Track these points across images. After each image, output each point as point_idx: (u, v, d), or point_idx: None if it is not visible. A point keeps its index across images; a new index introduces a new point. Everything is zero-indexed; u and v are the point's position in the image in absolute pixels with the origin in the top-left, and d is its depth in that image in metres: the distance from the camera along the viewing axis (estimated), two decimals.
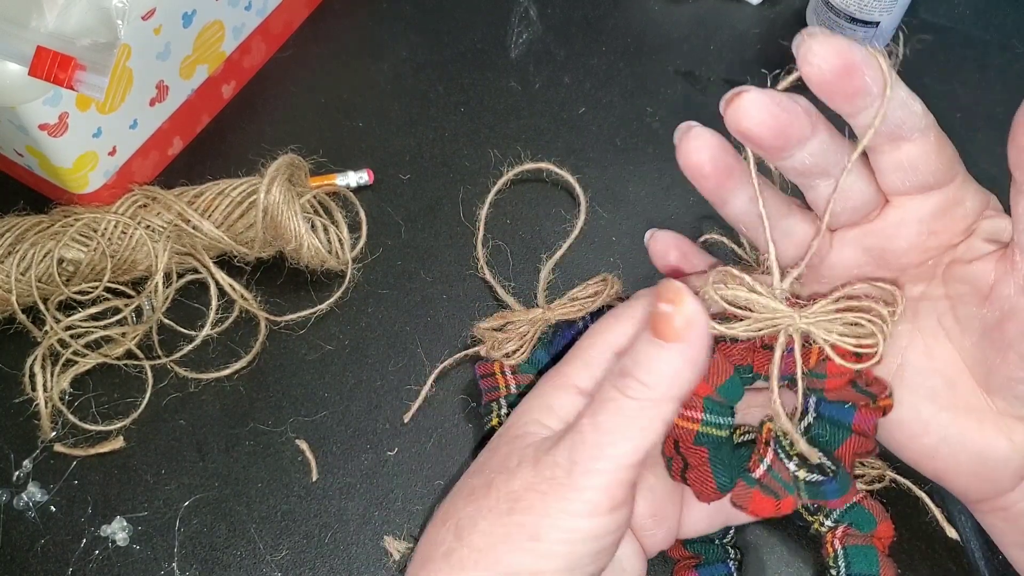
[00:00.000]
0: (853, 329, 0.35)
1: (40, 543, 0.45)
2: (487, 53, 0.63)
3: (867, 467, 0.44)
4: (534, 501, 0.32)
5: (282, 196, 0.49)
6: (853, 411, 0.36)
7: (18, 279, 0.48)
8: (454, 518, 0.33)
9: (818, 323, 0.35)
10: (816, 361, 0.36)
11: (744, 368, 0.37)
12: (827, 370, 0.36)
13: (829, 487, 0.37)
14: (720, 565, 0.43)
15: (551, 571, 0.32)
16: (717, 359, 0.36)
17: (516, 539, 0.31)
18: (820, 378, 0.36)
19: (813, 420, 0.37)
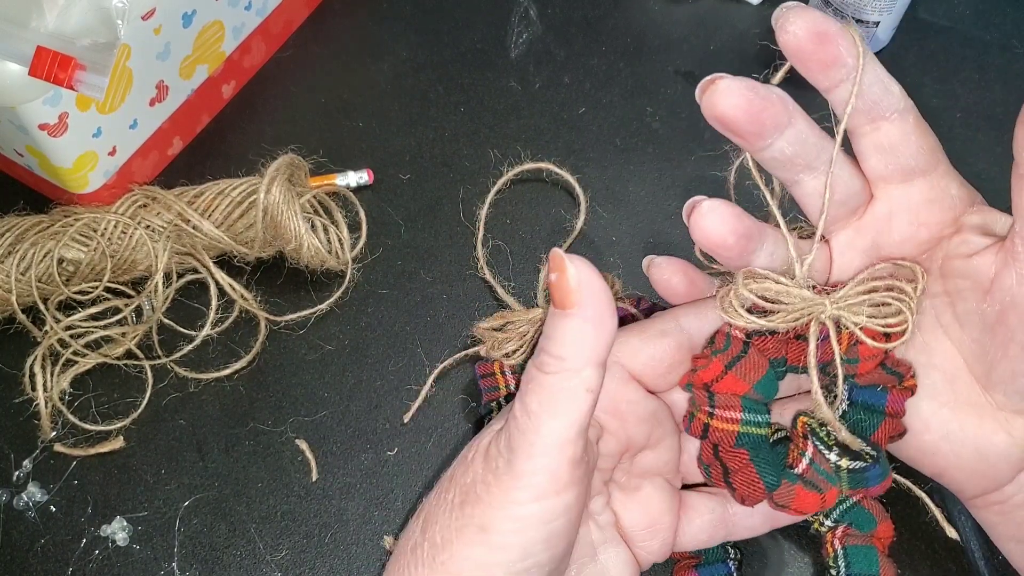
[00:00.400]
0: (880, 310, 0.35)
1: (40, 543, 0.45)
2: (487, 53, 0.63)
3: None
4: (482, 493, 0.32)
5: (282, 196, 0.49)
6: (886, 394, 0.36)
7: (18, 279, 0.48)
8: (424, 512, 0.34)
9: (848, 307, 0.35)
10: (847, 346, 0.36)
11: (777, 362, 0.37)
12: (859, 354, 0.36)
13: (872, 473, 0.36)
14: (720, 565, 0.43)
15: (505, 562, 0.32)
16: (752, 355, 0.36)
17: (468, 532, 0.32)
18: (853, 363, 0.36)
19: (847, 407, 0.36)
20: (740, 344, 0.36)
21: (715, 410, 0.36)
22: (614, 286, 0.48)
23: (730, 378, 0.36)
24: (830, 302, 0.35)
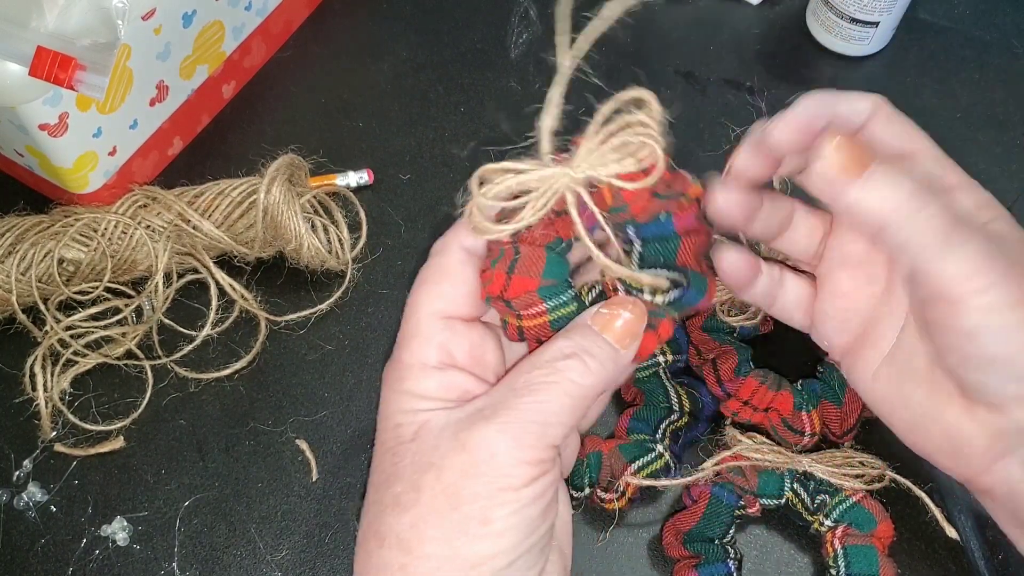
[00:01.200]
0: (626, 149, 0.34)
1: (40, 543, 0.45)
2: (487, 53, 0.63)
3: (867, 467, 0.44)
4: (477, 488, 0.32)
5: (282, 196, 0.49)
6: (670, 218, 0.35)
7: (18, 279, 0.48)
8: (391, 535, 0.32)
9: (592, 166, 0.34)
10: (612, 197, 0.35)
11: (553, 243, 0.36)
12: (624, 199, 0.35)
13: (688, 295, 0.36)
14: (720, 565, 0.43)
15: (509, 547, 0.32)
16: (525, 251, 0.35)
17: (469, 529, 0.31)
18: (623, 210, 0.35)
19: (641, 248, 0.36)
20: (510, 247, 0.35)
21: (520, 311, 0.35)
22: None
23: (516, 281, 0.35)
24: (572, 168, 0.33)
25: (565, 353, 0.33)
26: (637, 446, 0.45)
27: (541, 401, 0.32)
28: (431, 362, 0.35)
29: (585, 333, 0.34)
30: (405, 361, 0.35)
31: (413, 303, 0.36)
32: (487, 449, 0.32)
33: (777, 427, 0.46)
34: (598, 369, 0.33)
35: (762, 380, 0.46)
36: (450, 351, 0.35)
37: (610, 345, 0.34)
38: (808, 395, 0.46)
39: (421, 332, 0.35)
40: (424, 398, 0.34)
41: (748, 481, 0.44)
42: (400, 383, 0.35)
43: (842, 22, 0.60)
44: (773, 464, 0.44)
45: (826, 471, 0.43)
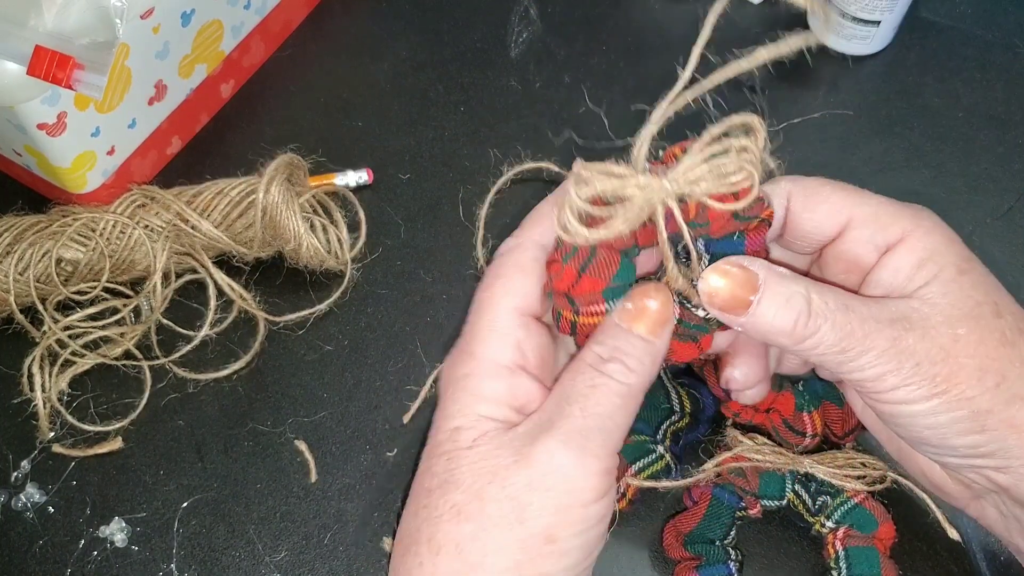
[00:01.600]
0: (722, 169, 0.34)
1: (38, 544, 0.45)
2: (487, 52, 0.62)
3: (868, 468, 0.44)
4: (544, 501, 0.31)
5: (281, 196, 0.49)
6: (743, 239, 0.36)
7: (16, 279, 0.48)
8: (449, 543, 0.31)
9: (688, 182, 0.33)
10: (696, 212, 0.34)
11: (629, 250, 0.36)
12: (708, 217, 0.35)
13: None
14: (721, 566, 0.42)
15: (571, 565, 0.32)
16: (601, 253, 0.35)
17: (533, 547, 0.31)
18: (704, 226, 0.35)
19: (708, 262, 0.36)
20: (587, 247, 0.35)
21: (579, 307, 0.35)
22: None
23: (586, 281, 0.35)
24: (669, 182, 0.33)
25: (603, 357, 0.33)
26: (638, 447, 0.44)
27: (594, 406, 0.32)
28: (505, 361, 0.34)
29: (616, 334, 0.34)
30: (479, 356, 0.34)
31: (489, 297, 0.35)
32: (552, 462, 0.31)
33: (778, 428, 0.46)
34: (637, 365, 0.33)
35: None
36: (524, 350, 0.34)
37: (642, 339, 0.34)
38: (810, 396, 0.46)
39: (498, 327, 0.34)
40: (489, 402, 0.33)
41: (749, 482, 0.44)
42: (469, 380, 0.34)
43: (844, 21, 0.60)
44: (774, 465, 0.44)
45: (827, 472, 0.43)
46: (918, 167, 0.58)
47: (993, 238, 0.55)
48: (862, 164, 0.58)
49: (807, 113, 0.60)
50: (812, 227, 0.37)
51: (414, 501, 0.33)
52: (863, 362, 0.33)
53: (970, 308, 0.34)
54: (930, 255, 0.35)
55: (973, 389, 0.33)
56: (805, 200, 0.37)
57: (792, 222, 0.37)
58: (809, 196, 0.37)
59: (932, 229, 0.36)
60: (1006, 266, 0.54)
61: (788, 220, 0.37)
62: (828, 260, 0.38)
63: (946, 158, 0.58)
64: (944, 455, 0.35)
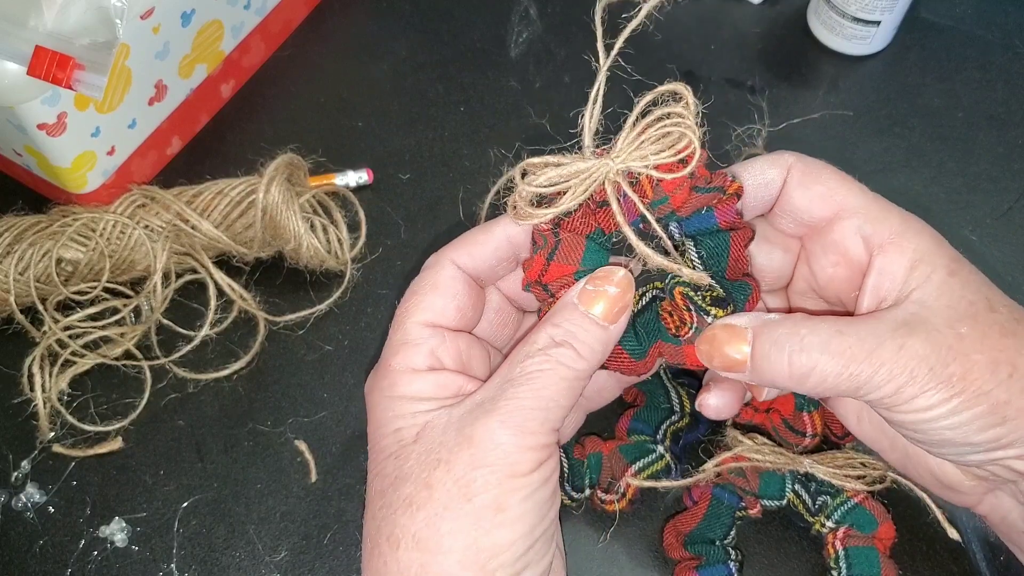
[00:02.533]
0: (664, 142, 0.35)
1: (39, 544, 0.45)
2: (487, 52, 0.62)
3: (868, 468, 0.44)
4: (488, 476, 0.32)
5: (281, 196, 0.49)
6: (712, 212, 0.36)
7: (16, 279, 0.48)
8: (406, 536, 0.32)
9: (630, 156, 0.35)
10: (652, 190, 0.35)
11: (594, 234, 0.36)
12: (665, 191, 0.35)
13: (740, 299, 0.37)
14: (721, 566, 0.43)
15: (525, 532, 0.32)
16: (565, 239, 0.36)
17: (485, 518, 0.32)
18: (664, 202, 0.36)
19: (692, 246, 0.36)
20: (551, 235, 0.36)
21: (555, 294, 0.36)
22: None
23: (554, 267, 0.36)
24: (612, 159, 0.34)
25: (556, 340, 0.34)
26: (638, 447, 0.45)
27: (539, 388, 0.33)
28: (421, 367, 0.35)
29: (572, 316, 0.35)
30: (394, 367, 0.36)
31: (402, 313, 0.36)
32: (492, 440, 0.32)
33: (778, 428, 0.46)
34: (588, 352, 0.34)
35: None
36: (438, 356, 0.36)
37: (597, 324, 0.34)
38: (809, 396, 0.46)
39: (410, 339, 0.36)
40: (420, 399, 0.35)
41: (749, 482, 0.44)
42: (392, 389, 0.35)
43: (844, 21, 0.60)
44: (774, 465, 0.44)
45: (827, 472, 0.43)
46: (918, 167, 0.58)
47: (993, 238, 0.55)
48: (862, 164, 0.58)
49: (807, 113, 0.60)
50: (803, 204, 0.37)
51: (370, 506, 0.34)
52: (877, 380, 0.33)
53: (965, 307, 0.34)
54: (921, 257, 0.35)
55: (988, 383, 0.33)
56: (803, 176, 0.37)
57: (786, 194, 0.38)
58: (807, 173, 0.37)
59: (921, 230, 0.36)
60: (1005, 266, 0.54)
61: (783, 193, 0.38)
62: (817, 252, 0.38)
63: (946, 158, 0.58)
64: (966, 454, 0.35)
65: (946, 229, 0.55)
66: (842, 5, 0.59)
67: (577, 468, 0.44)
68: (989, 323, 0.34)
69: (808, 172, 0.37)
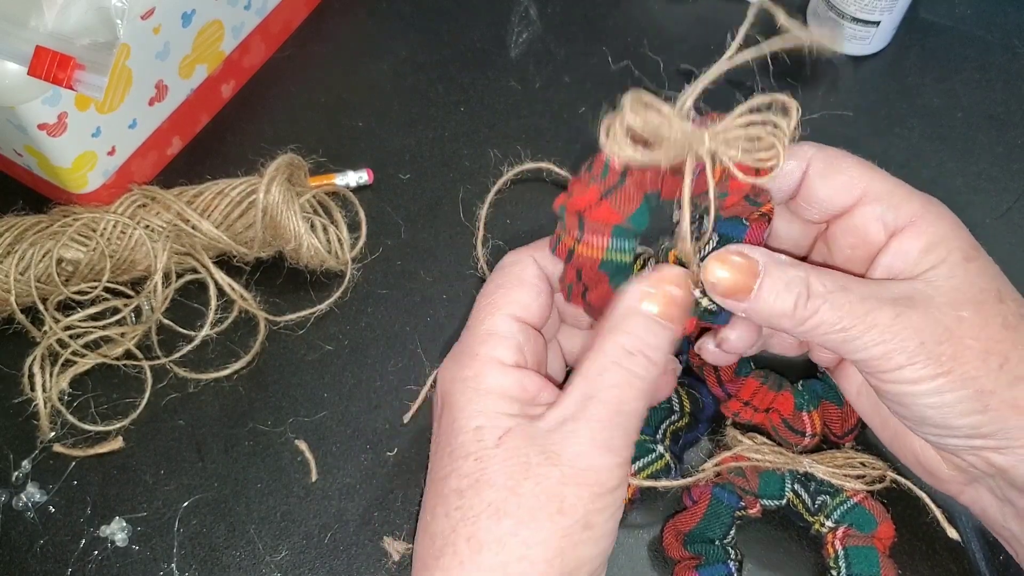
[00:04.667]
0: (754, 144, 0.35)
1: (39, 543, 0.45)
2: (487, 52, 0.62)
3: (868, 467, 0.44)
4: (579, 493, 0.32)
5: (281, 196, 0.49)
6: (746, 228, 0.37)
7: (17, 279, 0.48)
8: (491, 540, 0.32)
9: (725, 142, 0.35)
10: (719, 179, 0.36)
11: (652, 195, 0.36)
12: (728, 188, 0.36)
13: (723, 316, 0.38)
14: (720, 566, 0.43)
15: (607, 547, 0.33)
16: (628, 186, 0.35)
17: (574, 534, 0.32)
18: (722, 197, 0.36)
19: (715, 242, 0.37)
20: (617, 174, 0.35)
21: (584, 235, 0.36)
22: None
23: (604, 207, 0.35)
24: (709, 136, 0.34)
25: (628, 350, 0.34)
26: (637, 446, 0.44)
27: (620, 403, 0.33)
28: (507, 360, 0.35)
29: (639, 323, 0.35)
30: (483, 356, 0.35)
31: (490, 304, 0.36)
32: (583, 460, 0.33)
33: (778, 428, 0.46)
34: (660, 357, 0.34)
35: (763, 381, 0.46)
36: (524, 353, 0.36)
37: (663, 327, 0.35)
38: (809, 395, 0.46)
39: (500, 331, 0.36)
40: (504, 397, 0.34)
41: (749, 482, 0.44)
42: (478, 380, 0.35)
43: (843, 21, 0.60)
44: (774, 464, 0.44)
45: (827, 472, 0.43)
46: (917, 167, 0.58)
47: (992, 238, 0.55)
48: None
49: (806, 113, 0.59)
50: (825, 195, 0.38)
51: (443, 503, 0.34)
52: (868, 340, 0.33)
53: (974, 294, 0.34)
54: (938, 241, 0.35)
55: (977, 370, 0.33)
56: (824, 167, 0.37)
57: (808, 187, 0.38)
58: (828, 164, 0.38)
59: (941, 216, 0.36)
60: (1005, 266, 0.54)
61: (804, 184, 0.38)
62: (836, 234, 0.39)
63: (945, 158, 0.58)
64: (945, 436, 0.36)
65: None
66: (841, 5, 0.59)
67: None
68: (993, 313, 0.34)
69: (829, 163, 0.38)
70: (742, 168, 0.35)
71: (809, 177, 0.38)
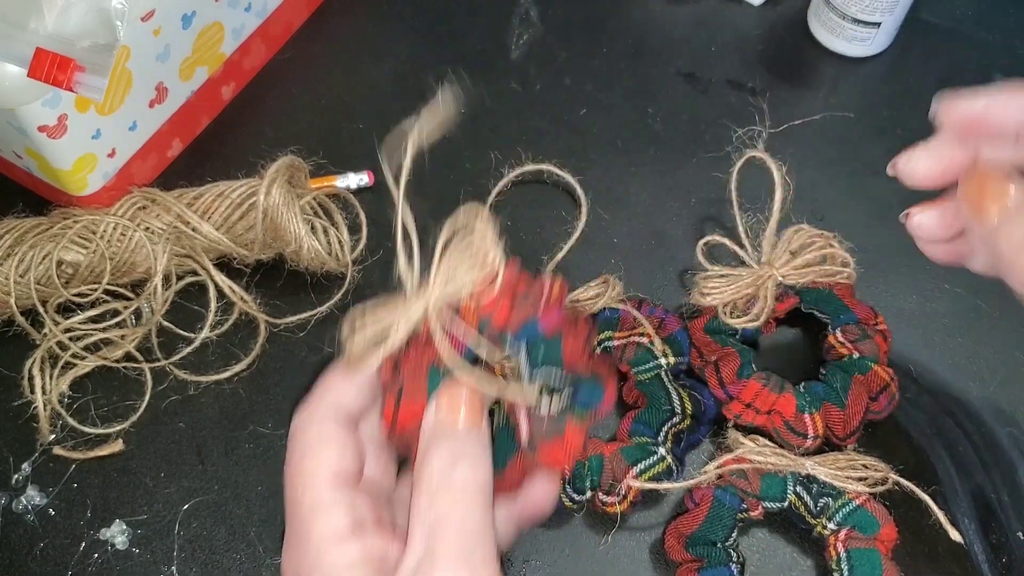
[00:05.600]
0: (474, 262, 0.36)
1: (39, 546, 0.45)
2: (488, 55, 0.62)
3: (870, 470, 0.44)
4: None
5: (282, 198, 0.49)
6: (536, 322, 0.36)
7: (17, 281, 0.48)
8: None
9: (443, 290, 0.35)
10: (475, 314, 0.36)
11: (432, 368, 0.35)
12: (485, 312, 0.36)
13: (587, 394, 0.35)
14: (723, 568, 0.42)
15: None
16: (406, 374, 0.35)
17: None
18: (487, 323, 0.36)
19: (527, 354, 0.36)
20: (391, 379, 0.36)
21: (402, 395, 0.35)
22: (615, 288, 0.48)
23: (404, 406, 0.35)
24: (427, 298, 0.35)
25: (446, 462, 0.32)
26: (639, 449, 0.44)
27: (463, 523, 0.31)
28: (343, 530, 0.32)
29: (444, 434, 0.33)
30: (315, 538, 0.32)
31: (302, 477, 0.33)
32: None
33: (780, 430, 0.46)
34: (481, 454, 0.32)
35: (764, 383, 0.46)
36: (356, 511, 0.32)
37: (468, 429, 0.33)
38: (811, 397, 0.46)
39: (324, 501, 0.32)
40: (351, 573, 0.31)
41: (751, 484, 0.44)
42: (320, 566, 0.31)
43: (844, 23, 0.60)
44: (776, 467, 0.44)
45: (829, 474, 0.43)
46: None
47: None
48: (862, 166, 0.58)
49: (808, 115, 0.60)
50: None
51: None
52: None
53: None
54: None
55: None
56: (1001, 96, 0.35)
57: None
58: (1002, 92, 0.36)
59: None
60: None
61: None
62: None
63: None
64: None
65: None
66: (842, 7, 0.59)
67: (578, 471, 0.44)
68: None
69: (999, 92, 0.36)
70: (481, 290, 0.35)
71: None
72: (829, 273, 0.48)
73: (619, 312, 0.49)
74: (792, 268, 0.47)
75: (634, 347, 0.48)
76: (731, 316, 0.48)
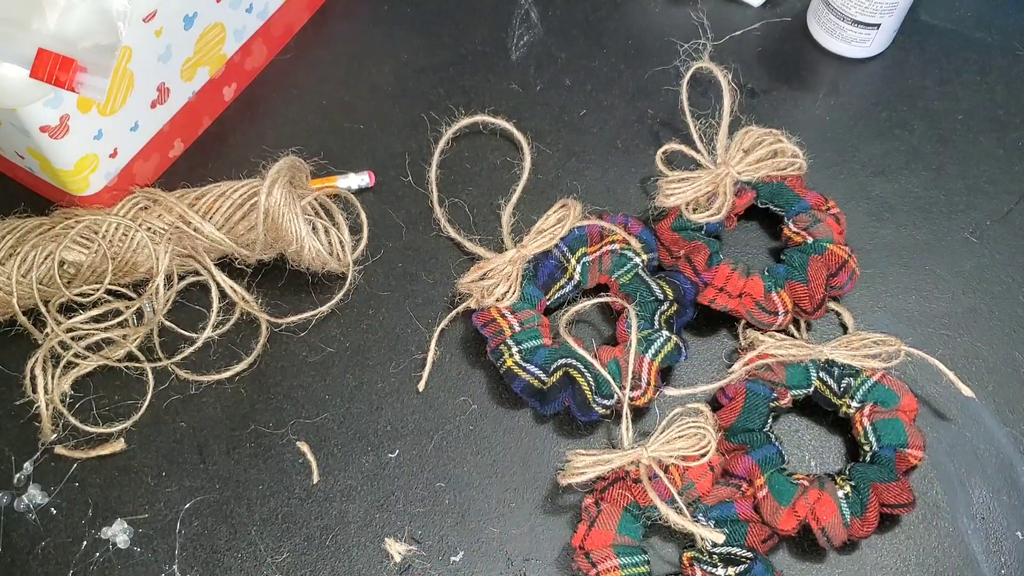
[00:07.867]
0: (689, 441, 0.44)
1: (41, 545, 0.45)
2: (488, 55, 0.63)
3: (882, 345, 0.47)
4: None
5: (283, 198, 0.49)
6: (733, 505, 0.44)
7: (19, 281, 0.48)
8: None
9: (661, 448, 0.44)
10: (680, 478, 0.44)
11: (631, 505, 0.44)
12: (691, 478, 0.44)
13: (756, 570, 0.42)
14: (768, 447, 0.45)
15: None
16: (605, 508, 0.43)
17: None
18: (691, 487, 0.44)
19: (713, 527, 0.43)
20: (595, 506, 0.44)
21: (596, 566, 0.42)
22: (575, 208, 0.51)
23: (595, 533, 0.43)
24: (646, 449, 0.44)
25: None
26: (644, 338, 0.48)
27: None
28: None
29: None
30: None
31: None
32: None
33: (752, 311, 0.49)
34: None
35: (733, 267, 0.49)
36: None
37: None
38: (775, 278, 0.49)
39: None
40: None
41: (777, 375, 0.47)
42: None
43: (843, 24, 0.60)
44: (796, 357, 0.47)
45: (847, 355, 0.46)
46: (918, 170, 0.58)
47: (993, 240, 0.55)
48: (862, 167, 0.58)
49: (807, 115, 0.60)
50: None
51: None
52: None
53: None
54: None
55: None
56: None
57: None
58: None
59: None
60: (1005, 268, 0.54)
61: None
62: None
63: (946, 161, 0.58)
64: None
65: (946, 231, 0.56)
66: (842, 8, 0.59)
67: (602, 379, 0.47)
68: None
69: None
70: (689, 459, 0.44)
71: None
72: (781, 166, 0.52)
73: (585, 229, 0.51)
74: (746, 164, 0.51)
75: (609, 256, 0.51)
76: (694, 213, 0.51)
